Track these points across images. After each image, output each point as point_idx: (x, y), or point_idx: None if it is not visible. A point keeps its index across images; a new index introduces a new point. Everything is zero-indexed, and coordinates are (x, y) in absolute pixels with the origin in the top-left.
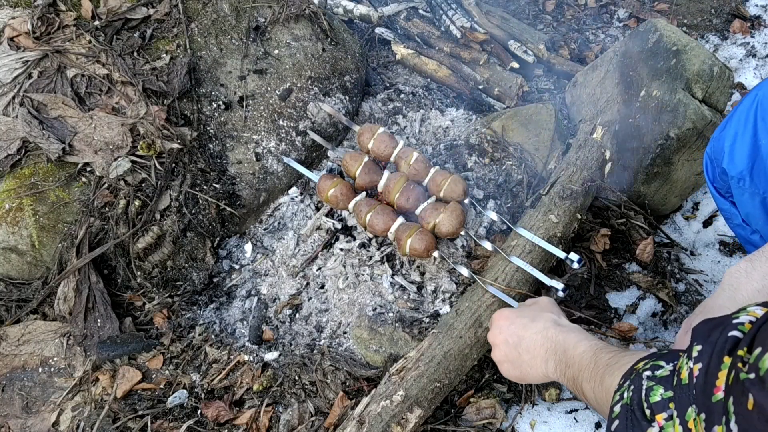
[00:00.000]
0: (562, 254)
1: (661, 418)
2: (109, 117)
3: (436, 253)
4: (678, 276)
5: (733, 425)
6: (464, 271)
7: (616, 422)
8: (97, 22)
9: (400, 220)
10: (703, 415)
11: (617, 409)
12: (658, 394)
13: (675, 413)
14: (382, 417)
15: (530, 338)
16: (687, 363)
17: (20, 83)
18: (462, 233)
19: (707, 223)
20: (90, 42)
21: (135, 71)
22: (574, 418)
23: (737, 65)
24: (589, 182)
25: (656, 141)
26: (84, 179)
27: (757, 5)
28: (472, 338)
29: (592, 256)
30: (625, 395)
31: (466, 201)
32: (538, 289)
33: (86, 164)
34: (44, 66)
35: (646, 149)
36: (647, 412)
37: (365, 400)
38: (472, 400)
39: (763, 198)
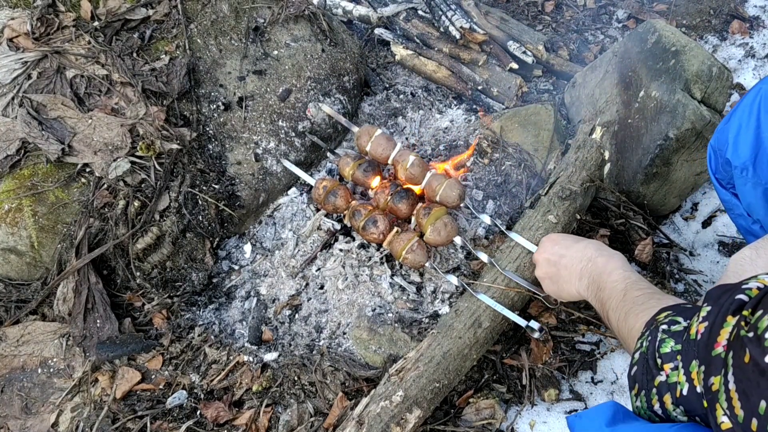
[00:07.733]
0: None
1: (668, 367)
2: (108, 118)
3: (427, 264)
4: (677, 276)
5: (730, 376)
6: (454, 280)
7: (635, 368)
8: (96, 23)
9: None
10: (702, 367)
11: (636, 356)
12: (669, 346)
13: (681, 364)
14: (381, 417)
15: (570, 256)
16: (696, 321)
17: (19, 84)
18: (457, 241)
19: (706, 224)
20: (89, 43)
21: (134, 72)
22: None
23: (736, 66)
24: (588, 183)
25: (655, 141)
26: (83, 180)
27: (756, 6)
28: (471, 338)
29: None
30: (644, 345)
31: (462, 205)
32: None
33: (85, 165)
34: (43, 67)
35: (645, 149)
36: (658, 361)
37: (364, 401)
38: (471, 400)
39: (765, 189)
